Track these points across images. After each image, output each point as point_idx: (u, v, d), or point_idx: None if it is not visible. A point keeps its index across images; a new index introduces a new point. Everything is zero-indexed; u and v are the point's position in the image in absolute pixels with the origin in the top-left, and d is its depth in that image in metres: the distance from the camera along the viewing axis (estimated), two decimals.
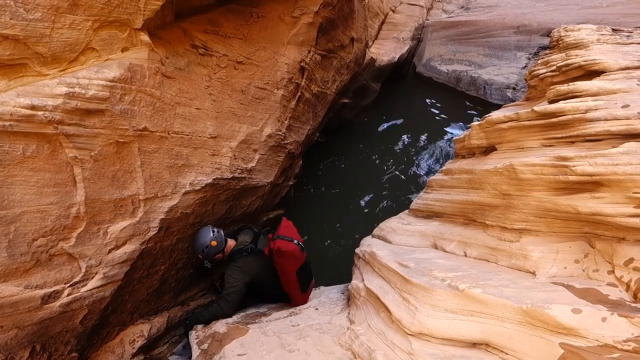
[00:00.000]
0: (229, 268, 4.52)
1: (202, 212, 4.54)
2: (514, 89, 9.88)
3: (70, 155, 3.11)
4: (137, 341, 4.26)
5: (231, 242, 4.66)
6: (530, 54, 10.42)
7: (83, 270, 3.31)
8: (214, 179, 4.42)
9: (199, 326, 4.34)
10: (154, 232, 3.87)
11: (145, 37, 3.58)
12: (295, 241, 4.53)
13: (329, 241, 7.25)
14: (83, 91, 3.06)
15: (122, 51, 3.48)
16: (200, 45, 4.29)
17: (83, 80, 3.10)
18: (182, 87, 4.05)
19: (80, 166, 3.17)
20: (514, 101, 8.02)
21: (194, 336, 4.17)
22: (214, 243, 4.41)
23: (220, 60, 4.53)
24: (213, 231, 4.47)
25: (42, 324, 3.13)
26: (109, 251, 3.49)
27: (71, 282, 3.24)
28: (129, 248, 3.66)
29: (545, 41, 9.82)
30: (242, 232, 4.86)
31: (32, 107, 2.79)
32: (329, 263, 6.80)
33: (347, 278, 4.93)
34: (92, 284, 3.39)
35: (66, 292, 3.21)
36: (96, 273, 3.42)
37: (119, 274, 3.61)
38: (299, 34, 5.72)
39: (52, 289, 3.11)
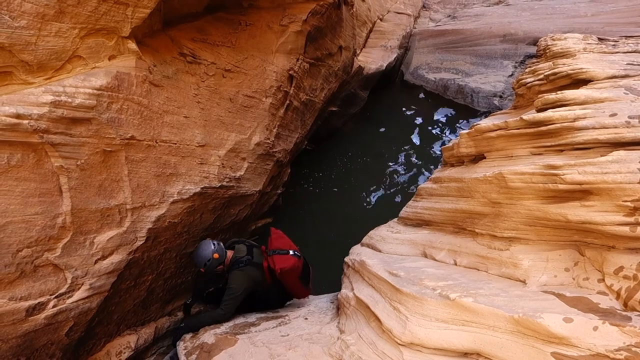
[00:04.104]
0: (234, 274, 4.53)
1: (190, 222, 4.50)
2: (500, 97, 9.94)
3: (56, 165, 3.06)
4: (124, 352, 4.19)
5: (230, 253, 4.66)
6: (516, 62, 10.51)
7: (69, 281, 3.25)
8: (202, 188, 4.39)
9: (187, 337, 4.29)
10: (142, 242, 3.82)
11: (132, 45, 3.55)
12: (291, 252, 4.64)
13: (317, 249, 7.21)
14: (69, 99, 3.02)
15: (110, 59, 3.45)
16: (189, 53, 4.27)
17: (69, 88, 3.06)
18: (170, 96, 4.02)
19: (66, 175, 3.13)
20: (501, 109, 8.08)
21: (182, 347, 4.11)
22: (216, 255, 4.42)
23: (208, 68, 4.51)
24: (214, 244, 4.48)
25: (27, 337, 3.07)
26: (96, 262, 3.44)
27: (57, 294, 3.18)
28: (115, 258, 3.60)
29: (532, 50, 9.93)
30: (235, 244, 4.86)
31: (17, 116, 2.75)
32: (318, 272, 6.75)
33: (336, 287, 4.90)
34: (78, 295, 3.33)
35: (51, 303, 3.15)
36: (82, 284, 3.36)
37: (105, 284, 3.56)
38: (288, 42, 5.72)
39: (37, 301, 3.04)
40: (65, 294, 3.25)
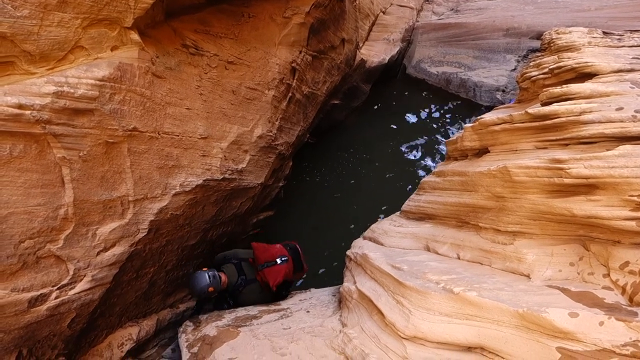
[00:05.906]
0: (243, 298, 4.84)
1: (192, 214, 4.49)
2: (503, 91, 9.90)
3: (59, 156, 3.04)
4: (126, 344, 4.19)
5: (224, 277, 4.74)
6: (519, 56, 10.45)
7: (71, 272, 3.25)
8: (204, 180, 4.37)
9: (189, 329, 4.29)
10: (144, 234, 3.81)
11: (135, 36, 3.53)
12: (278, 260, 4.81)
13: (319, 243, 7.21)
14: (72, 90, 3.00)
15: (112, 50, 3.43)
16: (191, 45, 4.24)
17: (72, 79, 3.04)
18: (172, 87, 4.00)
19: (68, 167, 3.11)
20: (504, 103, 8.05)
21: (184, 339, 4.11)
22: (211, 289, 4.50)
23: (211, 60, 4.48)
24: (209, 276, 4.52)
25: (29, 328, 3.06)
26: (98, 253, 3.43)
27: (59, 285, 3.18)
28: (117, 250, 3.60)
29: (535, 44, 9.87)
30: (224, 265, 4.97)
31: (20, 106, 2.73)
32: (320, 265, 6.77)
33: (338, 280, 4.89)
34: (80, 286, 3.33)
35: (54, 295, 3.15)
36: (84, 276, 3.35)
37: (107, 276, 3.55)
38: (291, 34, 5.68)
39: (39, 292, 3.04)
40: (68, 286, 3.25)
